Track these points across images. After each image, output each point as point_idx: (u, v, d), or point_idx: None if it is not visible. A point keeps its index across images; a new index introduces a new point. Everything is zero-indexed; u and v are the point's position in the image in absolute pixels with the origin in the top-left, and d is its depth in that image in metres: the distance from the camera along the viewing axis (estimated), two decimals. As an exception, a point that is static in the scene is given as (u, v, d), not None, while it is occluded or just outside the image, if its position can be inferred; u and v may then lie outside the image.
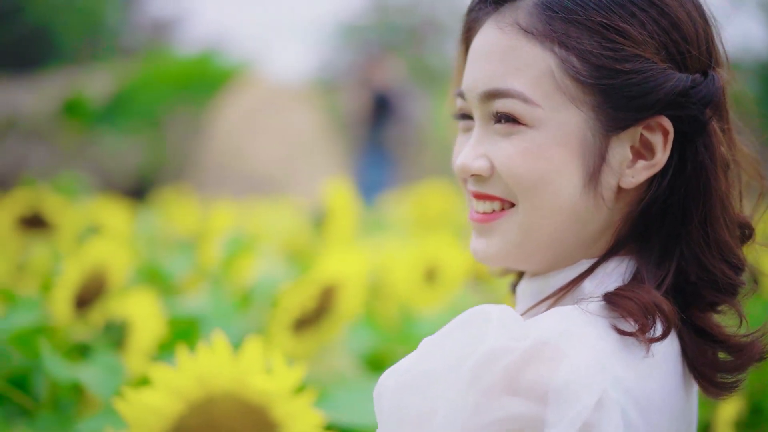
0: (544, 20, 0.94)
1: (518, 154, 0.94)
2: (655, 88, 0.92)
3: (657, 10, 0.94)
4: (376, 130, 8.12)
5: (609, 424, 0.82)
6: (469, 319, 0.88)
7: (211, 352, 1.26)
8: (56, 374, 1.60)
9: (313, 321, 1.99)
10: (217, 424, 1.29)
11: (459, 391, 0.84)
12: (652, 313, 0.91)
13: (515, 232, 0.98)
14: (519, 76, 0.94)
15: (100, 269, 2.07)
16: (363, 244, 3.77)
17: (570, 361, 0.83)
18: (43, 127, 15.99)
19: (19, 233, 3.48)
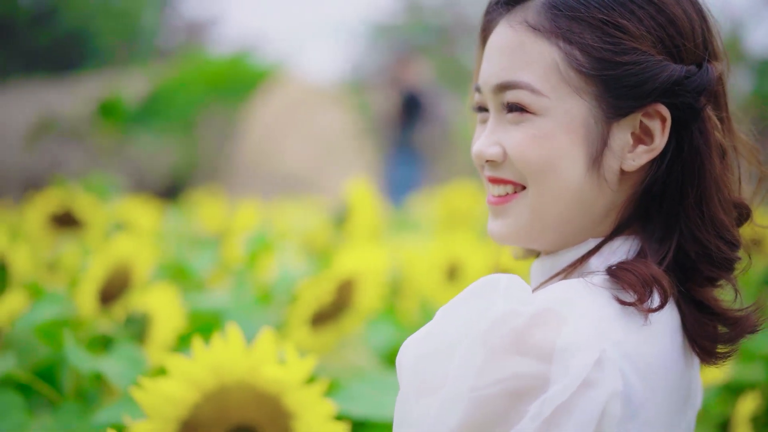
0: (550, 18, 1.02)
1: (527, 140, 1.03)
2: (651, 78, 1.00)
3: (654, 8, 1.01)
4: (405, 130, 8.12)
5: (607, 381, 0.90)
6: (481, 287, 0.96)
7: (225, 343, 1.30)
8: (79, 365, 1.65)
9: (331, 316, 2.03)
10: (231, 413, 1.33)
11: (470, 351, 0.90)
12: (650, 285, 0.98)
13: (526, 213, 1.06)
14: (527, 69, 1.02)
15: (125, 265, 2.12)
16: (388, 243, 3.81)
17: (571, 325, 0.91)
18: (80, 128, 16.18)
19: (51, 231, 3.56)
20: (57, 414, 1.66)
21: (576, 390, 0.88)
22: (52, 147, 16.09)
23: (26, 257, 2.48)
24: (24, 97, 16.94)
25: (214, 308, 2.07)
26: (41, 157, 15.89)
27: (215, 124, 15.85)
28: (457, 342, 0.93)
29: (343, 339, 2.07)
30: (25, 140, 16.10)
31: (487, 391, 0.89)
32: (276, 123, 14.96)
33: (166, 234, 3.99)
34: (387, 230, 4.79)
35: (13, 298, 1.95)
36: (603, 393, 0.89)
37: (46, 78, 18.69)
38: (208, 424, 1.33)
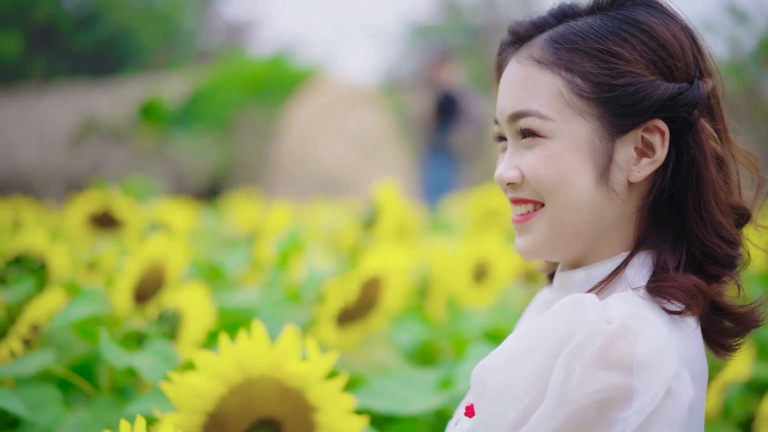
0: (552, 51, 1.15)
1: (540, 161, 1.14)
2: (646, 96, 1.11)
3: (645, 35, 1.12)
4: (441, 131, 8.11)
5: (685, 390, 1.00)
6: (568, 305, 1.04)
7: (251, 339, 1.36)
8: (113, 361, 1.72)
9: (357, 315, 2.08)
10: (256, 405, 1.38)
11: (563, 367, 0.99)
12: (695, 295, 1.08)
13: (545, 227, 1.16)
14: (535, 98, 1.14)
15: (159, 264, 2.19)
16: (420, 243, 3.85)
17: (645, 338, 1.00)
18: (121, 130, 16.36)
19: (90, 231, 3.66)
20: (92, 407, 1.73)
21: (662, 399, 0.98)
22: (94, 149, 16.30)
23: (65, 257, 2.56)
24: (67, 100, 17.18)
25: (243, 306, 2.14)
26: (83, 159, 16.10)
27: (254, 126, 15.95)
28: (546, 353, 1.01)
29: (368, 337, 2.13)
30: (68, 142, 16.33)
31: (580, 403, 0.98)
32: (314, 124, 15.03)
33: (201, 234, 4.07)
34: (421, 231, 4.84)
35: (51, 296, 2.02)
36: (684, 400, 1.00)
37: (89, 81, 18.94)
38: (234, 416, 1.38)
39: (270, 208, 4.65)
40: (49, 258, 2.57)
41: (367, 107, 15.02)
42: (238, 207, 4.92)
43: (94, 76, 19.71)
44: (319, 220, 5.01)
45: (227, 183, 15.04)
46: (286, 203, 4.81)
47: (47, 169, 15.86)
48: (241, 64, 18.25)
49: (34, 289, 2.34)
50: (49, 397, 1.74)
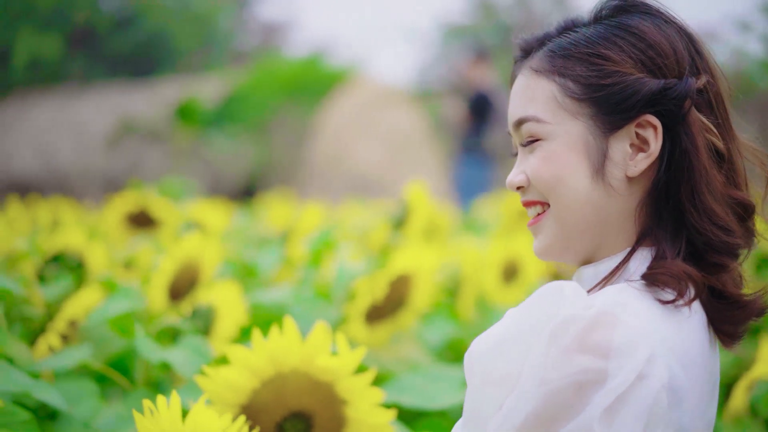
0: (548, 60, 1.22)
1: (538, 161, 1.20)
2: (633, 93, 1.16)
3: (634, 37, 1.18)
4: (474, 132, 8.09)
5: (656, 375, 1.03)
6: (548, 292, 1.09)
7: (282, 335, 1.41)
8: (148, 356, 1.77)
9: (386, 312, 2.12)
10: (288, 399, 1.43)
11: (540, 350, 1.04)
12: (684, 280, 1.12)
13: (552, 226, 1.21)
14: (533, 104, 1.21)
15: (193, 263, 2.24)
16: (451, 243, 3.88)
17: (625, 326, 1.04)
18: (158, 130, 16.51)
19: (127, 230, 3.73)
20: (128, 400, 1.78)
21: (632, 382, 1.02)
22: (131, 149, 16.46)
23: (102, 255, 2.62)
24: (105, 101, 17.37)
25: (275, 304, 2.19)
26: (120, 159, 16.27)
27: (289, 127, 16.03)
28: (526, 340, 1.07)
29: (397, 334, 2.16)
30: (106, 142, 16.51)
31: (556, 384, 1.02)
32: (348, 125, 15.08)
33: (235, 234, 4.13)
34: (453, 232, 4.87)
35: (88, 293, 2.08)
36: (654, 384, 1.03)
37: (126, 82, 19.13)
38: (266, 409, 1.43)
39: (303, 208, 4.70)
40: (87, 256, 2.63)
41: (401, 108, 15.05)
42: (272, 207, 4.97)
43: (131, 78, 19.90)
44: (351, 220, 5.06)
45: (262, 183, 15.13)
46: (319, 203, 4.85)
47: (85, 169, 16.05)
48: (276, 65, 18.35)
49: (72, 287, 2.40)
50: (86, 390, 1.80)
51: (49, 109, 17.35)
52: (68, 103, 17.52)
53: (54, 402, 1.63)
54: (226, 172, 15.87)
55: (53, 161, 16.29)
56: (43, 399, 1.62)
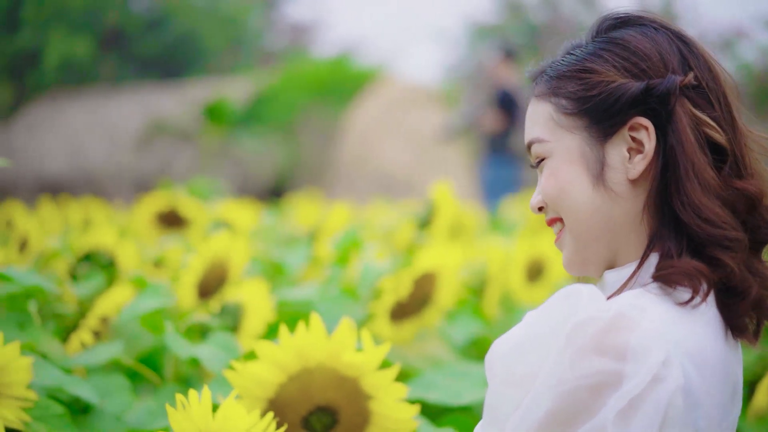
0: (545, 84, 1.28)
1: (546, 179, 1.25)
2: (618, 97, 1.20)
3: (619, 47, 1.23)
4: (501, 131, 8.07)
5: (672, 377, 1.05)
6: (566, 295, 1.11)
7: (309, 331, 1.44)
8: (178, 352, 1.81)
9: (411, 310, 2.15)
10: (314, 393, 1.46)
11: (558, 351, 1.06)
12: (696, 276, 1.13)
13: (569, 240, 1.25)
14: (536, 126, 1.27)
15: (222, 261, 2.28)
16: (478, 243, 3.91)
17: (641, 329, 1.06)
18: (187, 131, 16.62)
19: (157, 229, 3.78)
20: (158, 395, 1.82)
21: (647, 385, 1.03)
22: (161, 149, 16.59)
23: (133, 254, 2.67)
24: (135, 102, 17.50)
25: (301, 301, 2.22)
26: (151, 159, 16.40)
27: (317, 127, 16.08)
28: (545, 341, 1.09)
29: (422, 332, 2.19)
30: (136, 143, 16.64)
31: (572, 385, 1.04)
32: (375, 125, 15.10)
33: (263, 233, 4.18)
34: (480, 231, 4.89)
35: (119, 291, 2.12)
36: (669, 387, 1.04)
37: (156, 83, 19.27)
38: (293, 403, 1.46)
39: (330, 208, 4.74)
40: (118, 255, 2.68)
41: (428, 108, 15.06)
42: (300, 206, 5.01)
43: (161, 79, 20.04)
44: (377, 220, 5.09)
45: (290, 183, 15.19)
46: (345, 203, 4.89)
47: (116, 169, 16.19)
48: (304, 65, 18.41)
49: (103, 285, 2.44)
50: (118, 385, 1.84)
51: (81, 110, 17.51)
52: (99, 104, 17.68)
53: (87, 396, 1.67)
54: (255, 172, 15.95)
55: (84, 161, 16.45)
56: (77, 393, 1.66)
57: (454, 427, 1.75)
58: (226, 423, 1.23)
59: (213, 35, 22.41)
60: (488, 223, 5.72)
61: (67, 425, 1.58)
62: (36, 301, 2.14)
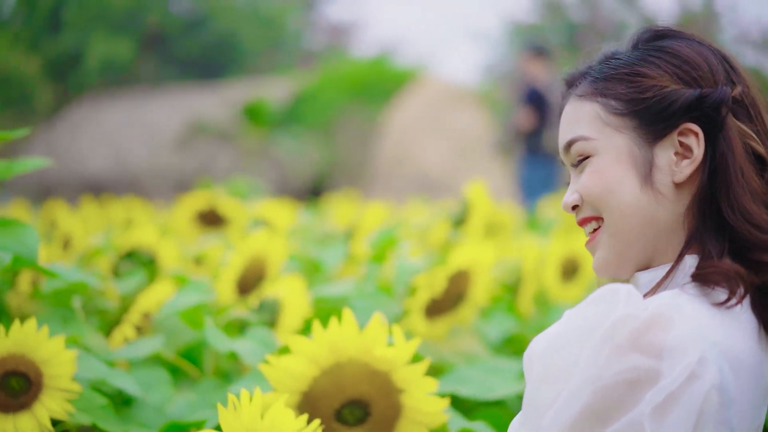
0: (590, 85, 1.30)
1: (589, 177, 1.26)
2: (671, 102, 1.23)
3: (669, 55, 1.26)
4: (535, 131, 8.03)
5: (708, 375, 1.07)
6: (604, 293, 1.13)
7: (341, 326, 1.48)
8: (217, 346, 1.85)
9: (446, 307, 2.18)
10: (346, 387, 1.50)
11: (595, 347, 1.09)
12: (734, 278, 1.16)
13: (607, 240, 1.26)
14: (579, 125, 1.29)
15: (260, 258, 2.33)
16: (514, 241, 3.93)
17: (678, 328, 1.08)
18: (227, 131, 16.75)
19: (197, 228, 3.85)
20: (198, 388, 1.87)
21: (683, 381, 1.06)
22: (201, 150, 16.73)
23: (173, 252, 2.73)
24: (175, 102, 17.67)
25: (338, 297, 2.27)
26: (191, 159, 16.55)
27: (355, 127, 16.13)
28: (583, 338, 1.11)
29: (457, 328, 2.22)
30: (176, 143, 16.80)
31: (608, 381, 1.07)
32: (414, 125, 15.12)
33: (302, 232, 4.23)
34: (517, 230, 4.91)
35: (160, 287, 2.18)
36: (705, 384, 1.07)
37: (196, 84, 19.44)
38: (326, 396, 1.50)
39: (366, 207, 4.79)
40: (158, 253, 2.75)
41: (467, 108, 15.05)
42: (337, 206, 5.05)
43: (201, 79, 20.21)
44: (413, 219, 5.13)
45: (329, 183, 15.25)
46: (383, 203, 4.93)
47: (156, 169, 16.35)
48: (343, 66, 18.47)
49: (144, 281, 2.51)
50: (159, 378, 1.89)
51: (122, 110, 17.71)
52: (140, 104, 17.87)
53: (129, 389, 1.72)
54: (294, 172, 16.04)
55: (125, 162, 16.63)
56: (119, 386, 1.71)
57: (487, 422, 1.78)
58: (273, 426, 1.25)
59: (252, 36, 22.57)
60: (526, 222, 5.74)
61: (109, 416, 1.63)
62: (80, 297, 2.20)
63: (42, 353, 1.53)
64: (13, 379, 1.53)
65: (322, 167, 15.99)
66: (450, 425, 1.59)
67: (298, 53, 23.91)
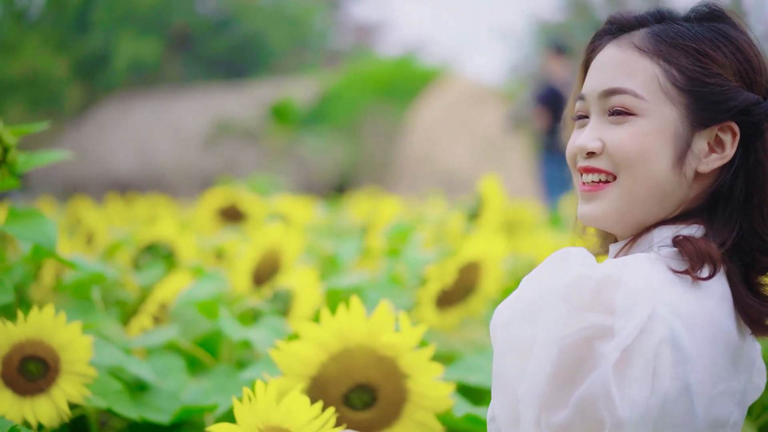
0: (653, 42, 1.27)
1: (629, 136, 1.24)
2: (730, 98, 1.24)
3: (734, 47, 1.26)
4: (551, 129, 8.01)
5: (657, 330, 1.10)
6: (558, 257, 1.17)
7: (349, 313, 1.52)
8: (231, 334, 1.90)
9: (456, 298, 2.22)
10: (354, 371, 1.54)
11: (554, 308, 1.12)
12: (703, 259, 1.19)
13: (617, 198, 1.26)
14: (632, 78, 1.25)
15: (275, 251, 2.38)
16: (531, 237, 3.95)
17: (627, 286, 1.11)
18: (253, 130, 16.85)
19: (218, 223, 3.91)
20: (212, 375, 1.92)
21: (636, 336, 1.09)
22: (227, 148, 16.84)
23: (191, 245, 2.78)
24: (201, 102, 17.79)
25: (350, 288, 2.31)
26: (217, 158, 16.66)
27: (380, 126, 16.17)
28: (541, 303, 1.14)
29: (468, 319, 2.26)
30: (203, 142, 16.92)
31: (569, 339, 1.10)
32: (438, 124, 15.14)
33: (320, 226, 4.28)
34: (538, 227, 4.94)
35: (176, 278, 2.23)
36: (655, 337, 1.10)
37: (222, 83, 19.55)
38: (334, 380, 1.54)
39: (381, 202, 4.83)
40: (177, 246, 2.80)
41: (492, 106, 15.05)
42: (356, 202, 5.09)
43: (227, 79, 20.33)
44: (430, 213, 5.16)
45: (354, 181, 15.30)
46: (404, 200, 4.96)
47: (182, 168, 16.48)
48: (369, 65, 18.52)
49: (163, 274, 2.56)
50: (174, 365, 1.94)
51: (148, 110, 17.86)
52: (166, 104, 18.01)
53: (144, 375, 1.77)
54: (319, 172, 16.11)
55: (152, 160, 16.77)
56: (135, 372, 1.76)
57: (493, 409, 1.80)
58: (288, 414, 1.29)
59: (278, 36, 22.65)
60: (547, 219, 5.77)
61: (125, 401, 1.68)
62: (100, 288, 2.26)
63: (59, 339, 1.57)
64: (31, 363, 1.57)
65: (347, 166, 16.05)
66: (455, 410, 1.63)
67: (324, 53, 23.98)
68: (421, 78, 16.94)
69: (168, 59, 21.42)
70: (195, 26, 21.81)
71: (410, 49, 22.03)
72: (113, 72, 20.32)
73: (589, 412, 1.10)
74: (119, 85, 20.16)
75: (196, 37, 21.80)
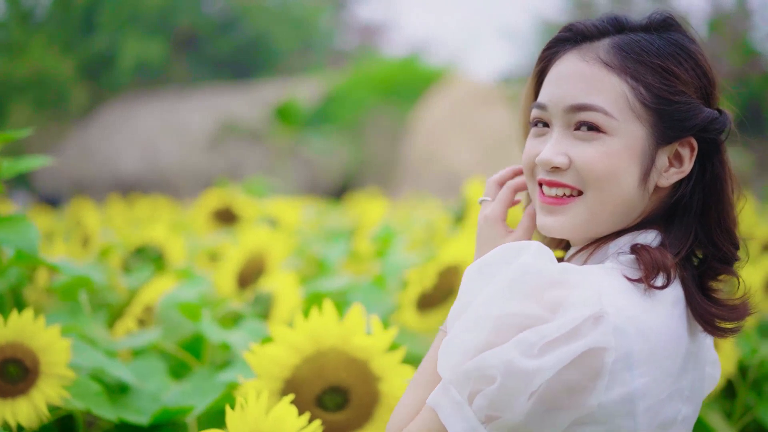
0: (620, 58, 1.28)
1: (599, 155, 1.26)
2: (693, 116, 1.27)
3: (693, 62, 1.29)
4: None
5: (594, 336, 1.12)
6: (510, 247, 1.20)
7: (322, 316, 1.54)
8: (211, 337, 1.93)
9: (437, 301, 2.23)
10: (327, 374, 1.56)
11: (500, 288, 1.15)
12: (658, 268, 1.22)
13: (583, 213, 1.28)
14: (601, 95, 1.26)
15: (261, 253, 2.41)
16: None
17: (579, 291, 1.14)
18: (258, 131, 16.88)
19: (213, 224, 3.94)
20: (192, 377, 1.94)
21: (566, 333, 1.11)
22: (232, 149, 16.88)
23: (181, 247, 2.81)
24: (206, 103, 17.83)
25: (334, 291, 2.33)
26: (221, 159, 16.70)
27: (384, 126, 16.19)
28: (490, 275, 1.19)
29: (448, 321, 2.27)
30: (208, 143, 16.96)
31: (505, 320, 1.13)
32: (443, 124, 15.15)
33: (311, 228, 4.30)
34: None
35: (161, 281, 2.26)
36: (589, 342, 1.12)
37: (227, 84, 19.59)
38: (307, 383, 1.56)
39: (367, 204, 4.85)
40: (167, 248, 2.83)
41: (495, 107, 15.06)
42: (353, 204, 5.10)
43: (232, 80, 20.37)
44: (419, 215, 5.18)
45: (358, 182, 15.33)
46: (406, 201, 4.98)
47: (187, 168, 16.52)
48: (373, 66, 18.52)
49: (153, 276, 2.59)
50: (156, 368, 1.97)
51: (154, 111, 17.91)
52: (171, 105, 18.06)
53: (125, 377, 1.79)
54: (323, 172, 16.13)
55: (157, 161, 16.82)
56: (116, 375, 1.79)
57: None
58: (276, 423, 1.32)
59: (284, 36, 22.68)
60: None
61: (103, 403, 1.71)
62: (86, 291, 2.29)
63: (39, 342, 1.60)
64: (11, 366, 1.60)
65: (352, 166, 16.07)
66: (428, 412, 1.64)
67: (329, 53, 24.01)
68: (425, 78, 16.95)
69: (173, 60, 21.47)
70: (200, 27, 21.85)
71: (415, 49, 22.06)
72: (119, 73, 20.37)
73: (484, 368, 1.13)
74: (125, 86, 20.22)
75: (202, 37, 21.85)
